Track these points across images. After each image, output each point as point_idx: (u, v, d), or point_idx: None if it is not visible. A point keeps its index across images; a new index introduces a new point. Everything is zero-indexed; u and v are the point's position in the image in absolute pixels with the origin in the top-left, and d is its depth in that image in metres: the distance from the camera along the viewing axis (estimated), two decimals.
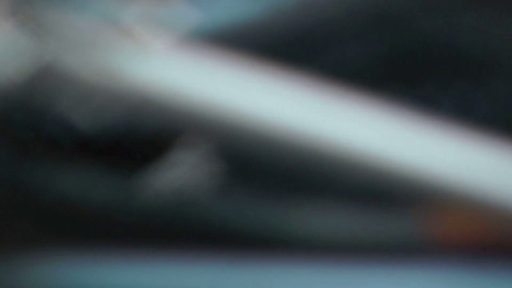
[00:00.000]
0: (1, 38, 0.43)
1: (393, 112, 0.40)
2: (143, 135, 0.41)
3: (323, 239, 0.40)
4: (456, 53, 0.44)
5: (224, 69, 0.41)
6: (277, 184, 0.40)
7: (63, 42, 0.45)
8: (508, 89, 0.44)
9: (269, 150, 0.39)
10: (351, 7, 0.45)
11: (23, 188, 0.43)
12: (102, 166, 0.41)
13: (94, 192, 0.41)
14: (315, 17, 0.43)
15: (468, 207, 0.40)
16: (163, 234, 0.40)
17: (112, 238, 0.41)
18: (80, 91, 0.42)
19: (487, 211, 0.40)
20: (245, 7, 0.43)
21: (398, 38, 0.44)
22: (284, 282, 0.40)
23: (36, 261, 0.42)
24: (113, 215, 0.41)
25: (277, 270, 0.40)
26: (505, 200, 0.40)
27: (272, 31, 0.42)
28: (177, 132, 0.40)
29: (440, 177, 0.40)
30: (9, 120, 0.45)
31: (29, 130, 0.43)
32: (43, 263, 0.42)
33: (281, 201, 0.40)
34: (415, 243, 0.40)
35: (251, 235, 0.40)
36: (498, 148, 0.41)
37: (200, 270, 0.40)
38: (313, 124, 0.40)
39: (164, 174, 0.40)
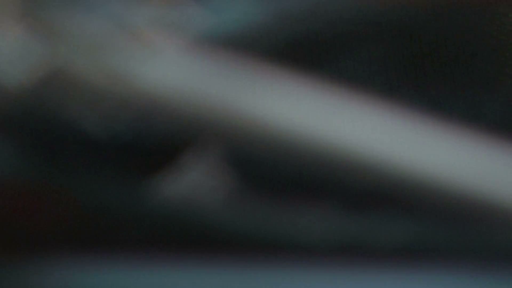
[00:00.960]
0: (11, 42, 0.43)
1: (404, 116, 0.40)
2: (154, 140, 0.41)
3: (332, 244, 0.40)
4: (468, 57, 0.44)
5: (235, 72, 0.40)
6: (287, 189, 0.40)
7: (74, 46, 0.44)
8: None
9: (279, 155, 0.39)
10: (361, 12, 0.45)
11: (33, 193, 0.43)
12: (112, 171, 0.41)
13: (104, 196, 0.41)
14: (326, 21, 0.43)
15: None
16: (174, 240, 0.40)
17: (122, 243, 0.41)
18: (91, 95, 0.42)
19: (494, 214, 0.40)
20: (256, 10, 0.43)
21: (408, 42, 0.44)
22: (294, 287, 0.40)
23: (47, 266, 0.42)
24: (123, 220, 0.41)
25: (289, 275, 0.40)
26: None
27: (284, 35, 0.42)
28: (189, 137, 0.40)
29: (451, 181, 0.40)
30: (19, 125, 0.45)
31: (39, 134, 0.43)
32: (55, 268, 0.42)
33: (292, 207, 0.40)
34: (422, 247, 0.40)
35: (261, 240, 0.40)
36: (510, 152, 0.41)
37: (211, 275, 0.40)
38: (324, 129, 0.40)
39: (175, 179, 0.40)
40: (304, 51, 0.42)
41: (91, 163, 0.42)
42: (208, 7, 0.43)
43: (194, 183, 0.40)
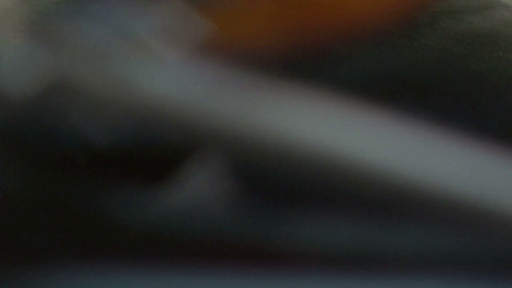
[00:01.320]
0: (14, 50, 0.43)
1: (404, 126, 0.40)
2: (156, 148, 0.41)
3: (336, 251, 0.40)
4: (467, 66, 0.44)
5: (238, 82, 0.41)
6: (290, 197, 0.40)
7: (77, 54, 0.44)
8: None
9: (282, 163, 0.39)
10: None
11: (36, 201, 0.43)
12: (115, 179, 0.41)
13: (106, 205, 0.41)
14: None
15: None
16: (176, 248, 0.40)
17: (125, 251, 0.41)
18: (94, 104, 0.42)
19: (494, 223, 0.40)
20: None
21: (407, 51, 0.44)
22: None
23: (49, 275, 0.42)
24: (126, 229, 0.41)
25: (291, 283, 0.40)
26: None
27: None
28: (191, 146, 0.40)
29: (452, 190, 0.40)
30: (22, 133, 0.45)
31: (42, 143, 0.43)
32: (57, 276, 0.42)
33: (295, 215, 0.40)
34: (425, 256, 0.40)
35: (264, 248, 0.40)
36: (510, 161, 0.41)
37: (214, 283, 0.40)
38: (326, 137, 0.40)
39: (178, 188, 0.40)
40: (303, 62, 0.42)
41: (94, 170, 0.42)
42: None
43: (196, 191, 0.40)
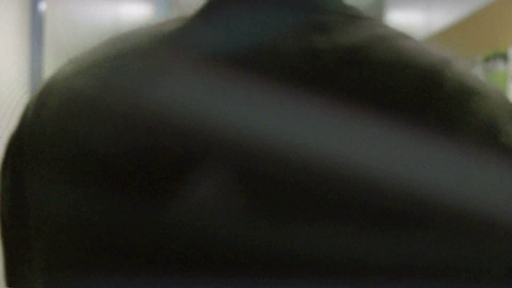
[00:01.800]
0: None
1: (407, 134, 0.40)
2: (163, 157, 0.41)
3: (344, 261, 0.39)
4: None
5: (244, 91, 0.40)
6: (297, 206, 0.39)
7: (84, 64, 0.44)
8: None
9: (290, 173, 0.39)
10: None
11: (42, 212, 0.43)
12: (122, 188, 0.41)
13: (114, 215, 0.41)
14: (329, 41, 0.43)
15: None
16: (184, 257, 0.40)
17: (133, 261, 0.40)
18: (101, 114, 0.42)
19: (493, 231, 0.40)
20: (265, 30, 0.43)
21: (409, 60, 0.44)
22: None
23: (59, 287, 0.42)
24: (133, 238, 0.40)
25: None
26: None
27: (290, 54, 0.42)
28: (198, 155, 0.40)
29: (455, 197, 0.40)
30: (29, 143, 0.44)
31: (49, 152, 0.43)
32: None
33: (302, 224, 0.39)
34: (433, 265, 0.40)
35: (272, 258, 0.39)
36: None
37: None
38: (330, 147, 0.40)
39: (185, 197, 0.40)
40: (309, 69, 0.42)
41: (101, 179, 0.41)
42: (218, 26, 0.43)
43: (205, 200, 0.40)
